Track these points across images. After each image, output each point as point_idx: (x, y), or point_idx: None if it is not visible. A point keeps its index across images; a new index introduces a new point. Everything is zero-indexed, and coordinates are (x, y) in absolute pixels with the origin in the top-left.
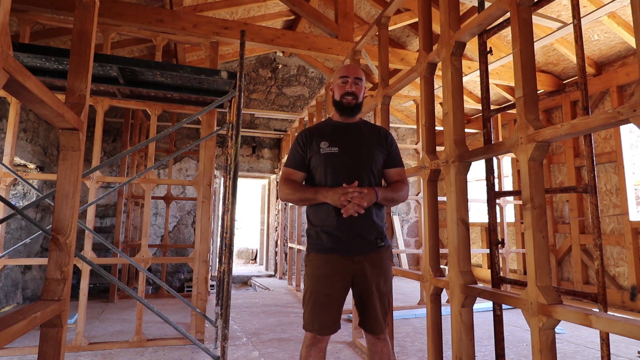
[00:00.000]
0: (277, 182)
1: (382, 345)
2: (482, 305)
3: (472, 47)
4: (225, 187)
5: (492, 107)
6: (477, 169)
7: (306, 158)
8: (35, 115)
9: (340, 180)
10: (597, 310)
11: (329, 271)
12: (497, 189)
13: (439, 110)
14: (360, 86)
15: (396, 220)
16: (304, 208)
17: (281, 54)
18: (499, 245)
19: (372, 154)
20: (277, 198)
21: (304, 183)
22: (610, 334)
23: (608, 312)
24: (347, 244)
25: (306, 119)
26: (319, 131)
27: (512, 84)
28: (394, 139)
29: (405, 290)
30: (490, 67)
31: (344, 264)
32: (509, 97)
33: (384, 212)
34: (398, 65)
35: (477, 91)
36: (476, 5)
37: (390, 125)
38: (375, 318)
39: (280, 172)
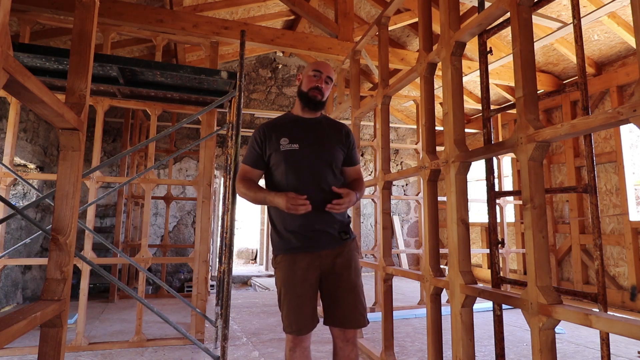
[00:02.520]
0: None
1: (350, 349)
2: (482, 305)
3: (472, 47)
4: (225, 187)
5: (492, 107)
6: (477, 169)
7: (265, 155)
8: (35, 115)
9: (301, 178)
10: (597, 310)
11: (299, 271)
12: (497, 189)
13: (439, 110)
14: (329, 86)
15: (396, 220)
16: None
17: (281, 54)
18: (499, 245)
19: (333, 151)
20: None
21: (262, 179)
22: (610, 334)
23: (608, 312)
24: (313, 240)
25: None
26: (279, 127)
27: (512, 84)
28: (354, 138)
29: (405, 290)
30: (490, 67)
31: (312, 260)
32: (509, 97)
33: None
34: (398, 65)
35: (477, 91)
36: (476, 5)
37: (390, 125)
38: (346, 308)
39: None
